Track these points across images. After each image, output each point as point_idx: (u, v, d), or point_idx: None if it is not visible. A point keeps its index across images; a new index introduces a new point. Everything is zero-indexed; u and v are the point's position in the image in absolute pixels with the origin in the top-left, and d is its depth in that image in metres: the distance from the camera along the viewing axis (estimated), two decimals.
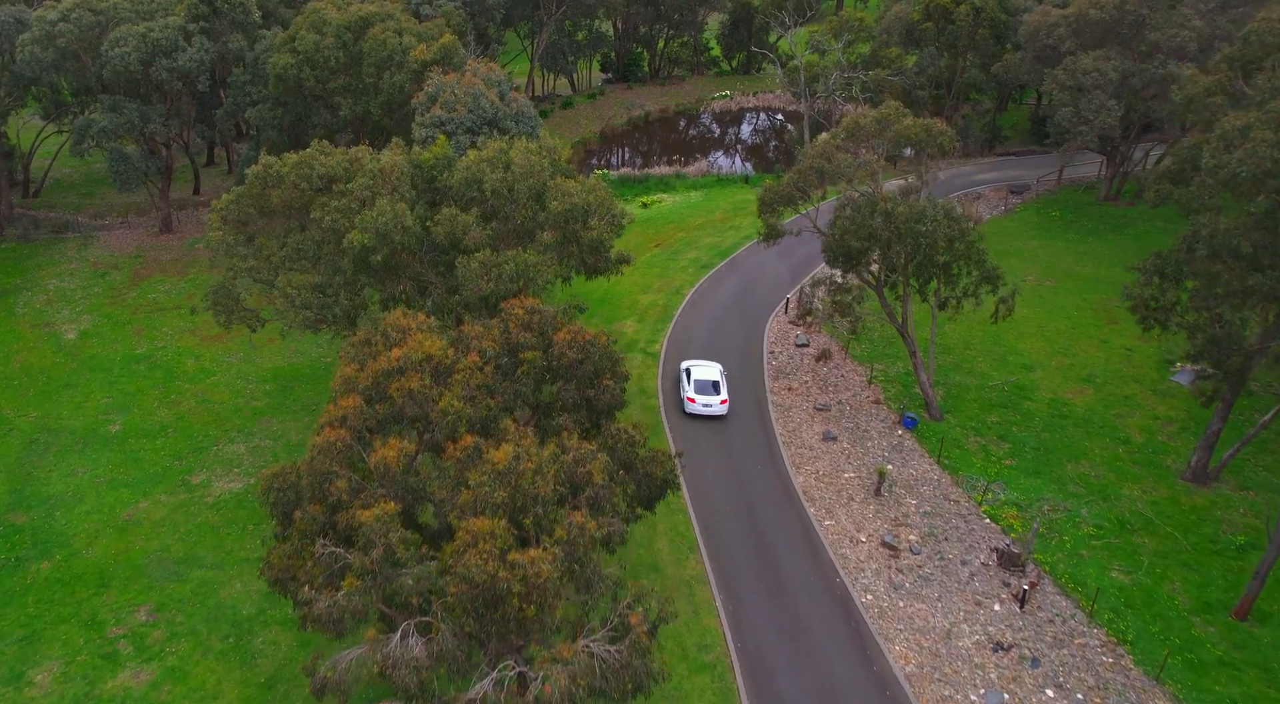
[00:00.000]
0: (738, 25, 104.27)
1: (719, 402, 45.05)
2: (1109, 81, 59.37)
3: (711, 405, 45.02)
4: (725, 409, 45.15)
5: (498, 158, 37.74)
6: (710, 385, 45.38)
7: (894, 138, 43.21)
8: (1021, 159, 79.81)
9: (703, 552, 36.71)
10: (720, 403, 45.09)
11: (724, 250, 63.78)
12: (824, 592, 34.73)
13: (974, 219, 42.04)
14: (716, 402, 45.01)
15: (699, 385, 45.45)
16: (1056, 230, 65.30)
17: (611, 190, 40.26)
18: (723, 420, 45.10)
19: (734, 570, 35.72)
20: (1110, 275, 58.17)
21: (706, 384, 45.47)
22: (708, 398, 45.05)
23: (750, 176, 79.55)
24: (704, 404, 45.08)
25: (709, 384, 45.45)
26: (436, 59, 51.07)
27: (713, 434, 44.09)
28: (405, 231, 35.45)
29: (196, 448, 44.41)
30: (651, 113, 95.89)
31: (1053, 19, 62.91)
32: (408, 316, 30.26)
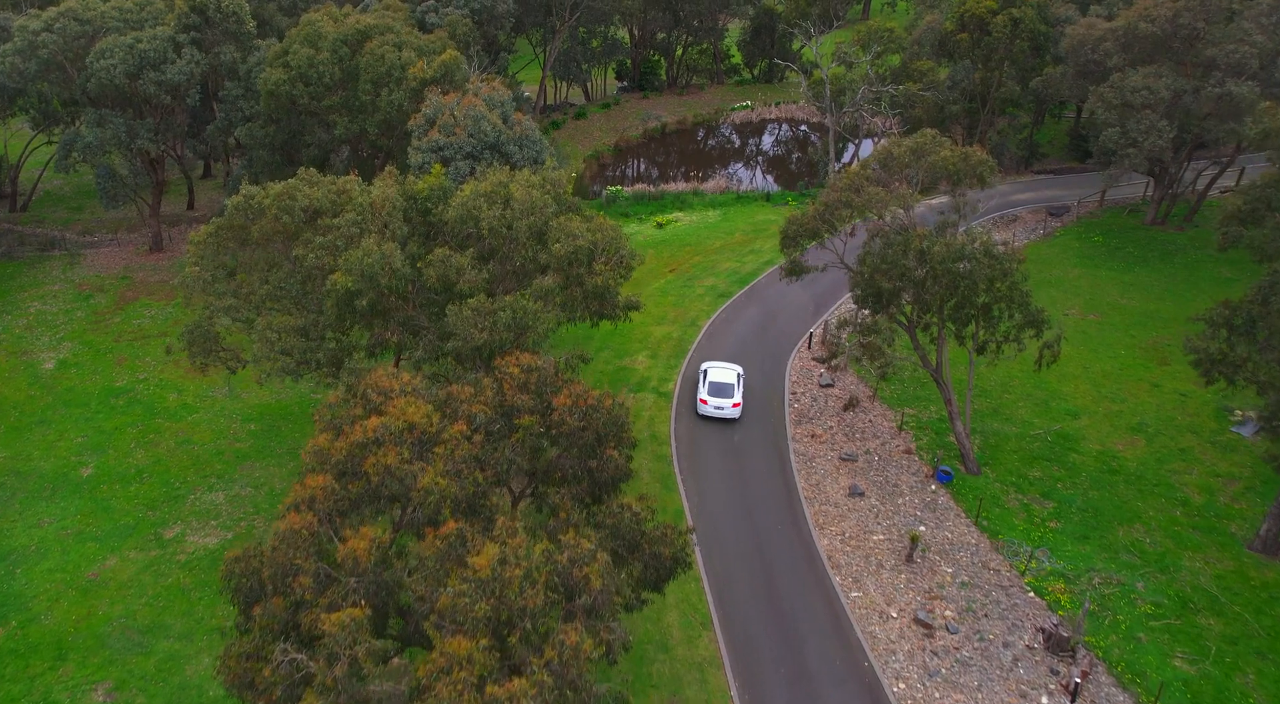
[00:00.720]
0: (760, 32, 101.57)
1: (730, 405, 45.51)
2: (1160, 100, 56.28)
3: (723, 408, 45.51)
4: (737, 412, 45.58)
5: (496, 192, 35.21)
6: (724, 388, 45.91)
7: (929, 168, 40.38)
8: (1061, 177, 76.65)
9: (717, 628, 33.96)
10: (732, 406, 45.54)
11: (743, 277, 61.03)
12: (851, 678, 31.90)
13: (1017, 257, 39.14)
14: (728, 405, 45.49)
15: (713, 387, 46.06)
16: (1100, 258, 62.18)
17: (620, 228, 37.59)
18: (742, 474, 42.34)
19: (751, 652, 32.95)
20: (1160, 310, 55.04)
21: (720, 386, 46.02)
22: (720, 400, 45.59)
23: (772, 194, 76.78)
24: (715, 406, 45.61)
25: (723, 386, 45.97)
26: (436, 77, 48.64)
27: (731, 487, 41.33)
28: (394, 274, 32.95)
29: (172, 496, 42.03)
30: (668, 124, 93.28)
31: (1099, 32, 59.86)
32: (391, 376, 27.70)
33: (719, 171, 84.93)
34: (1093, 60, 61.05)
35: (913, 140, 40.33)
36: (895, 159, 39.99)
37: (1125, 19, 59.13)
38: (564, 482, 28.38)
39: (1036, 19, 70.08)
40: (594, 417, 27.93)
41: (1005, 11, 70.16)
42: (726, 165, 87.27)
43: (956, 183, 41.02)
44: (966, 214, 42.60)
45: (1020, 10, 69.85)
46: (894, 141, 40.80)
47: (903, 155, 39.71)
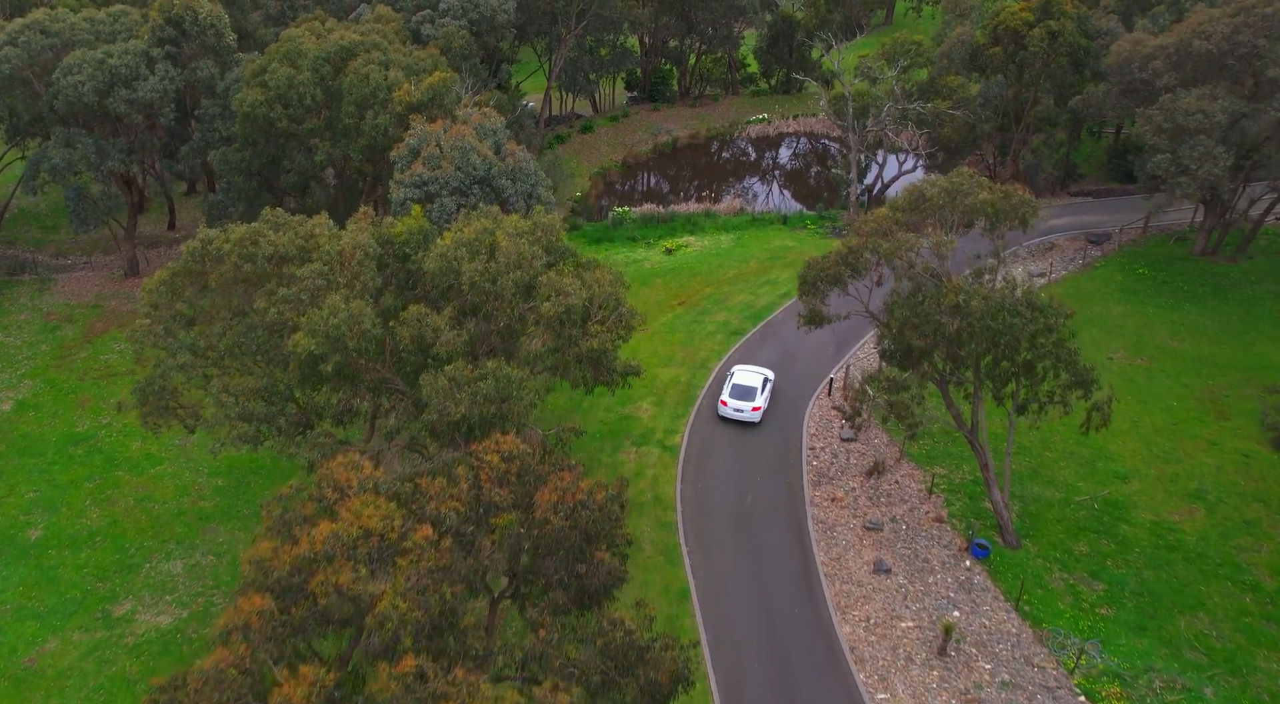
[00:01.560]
0: (777, 40, 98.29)
1: (750, 408, 46.07)
2: (1216, 125, 52.71)
3: (743, 411, 46.11)
4: (758, 416, 46.14)
5: (480, 240, 32.05)
6: (747, 391, 46.46)
7: (965, 210, 37.01)
8: (1100, 201, 73.07)
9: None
10: (752, 410, 46.07)
11: (757, 312, 57.70)
12: None
13: (1064, 310, 35.70)
14: (748, 408, 46.07)
15: (735, 389, 46.72)
16: (1146, 292, 58.58)
17: (621, 278, 34.40)
18: (755, 544, 39.02)
19: None
20: (1215, 355, 51.43)
21: (744, 389, 46.63)
22: (741, 403, 46.17)
23: (789, 216, 73.47)
24: (735, 409, 46.22)
25: (746, 390, 46.55)
26: (423, 101, 45.59)
27: (743, 560, 38.01)
28: (362, 336, 29.82)
29: (126, 564, 39.02)
30: (679, 138, 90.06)
31: (1147, 49, 56.34)
32: (350, 467, 24.54)
33: (733, 190, 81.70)
34: (1140, 79, 57.51)
35: (948, 180, 36.97)
36: (928, 200, 36.65)
37: (1177, 35, 55.58)
38: (548, 588, 25.16)
39: (1076, 32, 66.60)
40: (582, 514, 24.70)
41: (1043, 24, 66.73)
42: (741, 183, 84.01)
43: (995, 225, 37.62)
44: (1005, 259, 39.24)
45: (1059, 23, 66.40)
46: (927, 182, 37.42)
47: (936, 197, 36.37)
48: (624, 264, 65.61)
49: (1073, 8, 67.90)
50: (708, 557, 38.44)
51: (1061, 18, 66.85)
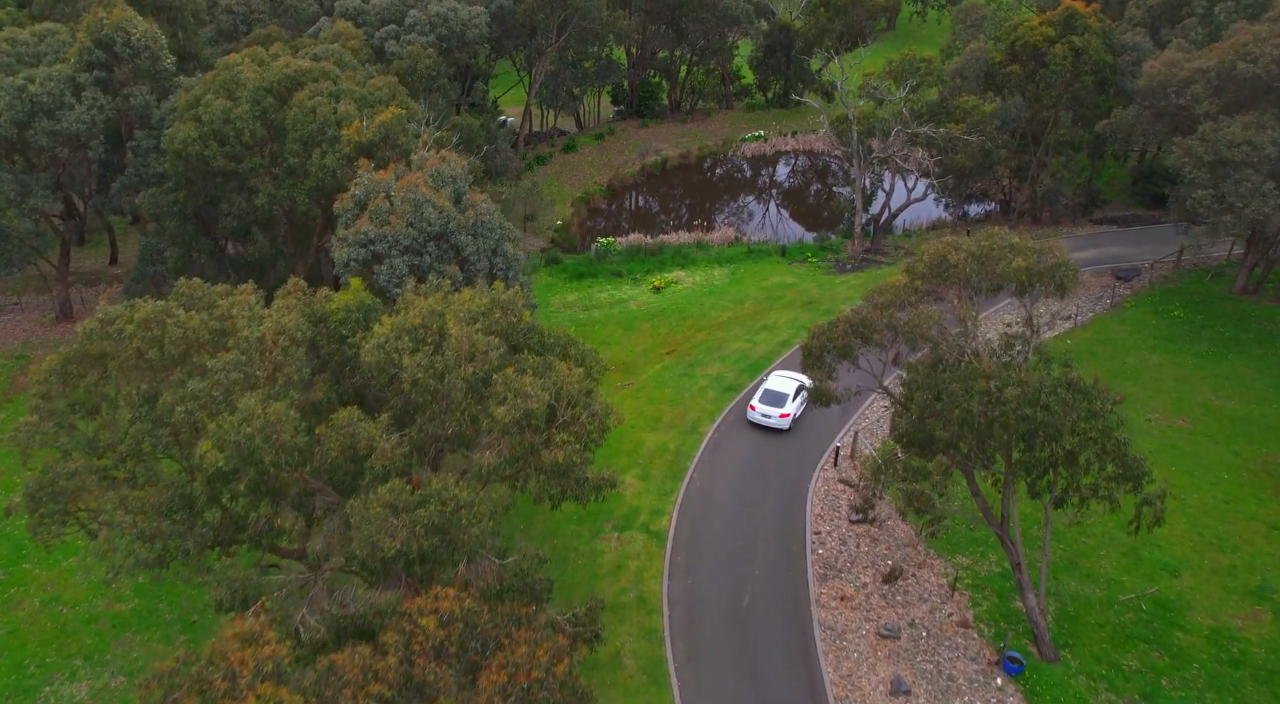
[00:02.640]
0: (774, 50, 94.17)
1: (779, 415, 46.18)
2: (1265, 158, 48.56)
3: (770, 416, 46.36)
4: (785, 424, 46.30)
5: (427, 325, 27.65)
6: (777, 397, 46.65)
7: (996, 278, 32.72)
8: (1125, 231, 68.94)
9: None
10: (780, 416, 46.16)
11: (754, 363, 53.35)
12: None
13: (1112, 396, 31.43)
14: (776, 414, 46.23)
15: (766, 394, 47.07)
16: (1183, 339, 54.38)
17: (597, 359, 30.10)
18: (753, 657, 34.61)
19: None
20: (1266, 416, 47.22)
21: (774, 395, 46.89)
22: (769, 408, 46.41)
23: (788, 247, 69.24)
24: (763, 414, 46.49)
25: (776, 395, 46.77)
26: (375, 141, 41.16)
27: (740, 679, 33.61)
28: (281, 449, 25.38)
29: (22, 687, 34.47)
30: (669, 158, 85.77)
31: (1185, 73, 52.18)
32: (247, 643, 20.11)
33: (727, 217, 77.46)
34: (1177, 105, 53.35)
35: (975, 243, 32.63)
36: (953, 268, 32.31)
37: (1218, 57, 51.43)
38: None
39: (1101, 49, 62.51)
40: (539, 697, 20.30)
41: (1065, 40, 62.63)
42: (736, 210, 79.73)
43: (1027, 290, 33.34)
44: (1040, 328, 34.97)
45: (1083, 39, 62.29)
46: (951, 245, 33.05)
47: (962, 265, 32.03)
48: (609, 304, 61.35)
49: (1097, 21, 63.86)
50: (699, 673, 34.04)
51: (1086, 33, 62.78)
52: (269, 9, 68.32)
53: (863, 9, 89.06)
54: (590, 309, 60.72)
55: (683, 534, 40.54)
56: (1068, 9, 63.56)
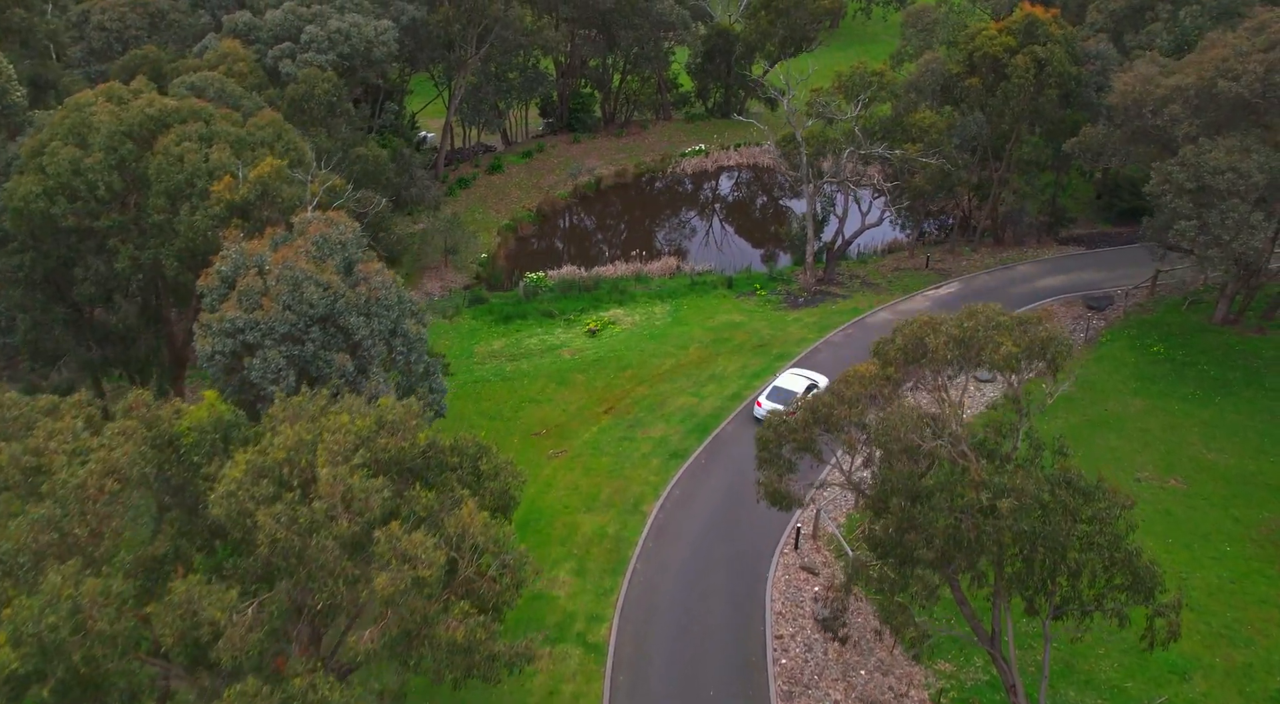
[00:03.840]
0: (713, 56, 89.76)
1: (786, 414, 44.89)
2: (1253, 186, 45.21)
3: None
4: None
5: (294, 459, 22.56)
6: (785, 395, 46.36)
7: (982, 364, 28.50)
8: (1094, 253, 65.71)
9: None
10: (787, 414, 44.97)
11: (702, 422, 48.82)
12: None
13: (1122, 500, 27.39)
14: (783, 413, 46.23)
15: (773, 391, 47.22)
16: (1166, 380, 51.01)
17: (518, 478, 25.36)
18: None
19: None
20: (1264, 472, 43.89)
21: (782, 392, 46.82)
22: (775, 406, 45.23)
23: (734, 278, 64.83)
24: (769, 411, 45.86)
25: (784, 393, 46.59)
26: (251, 199, 35.74)
27: None
28: (98, 641, 20.17)
29: None
30: (604, 178, 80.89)
31: (1162, 91, 48.69)
32: None
33: (668, 244, 72.86)
34: (1154, 126, 49.88)
35: (957, 323, 28.34)
36: (931, 353, 27.99)
37: (1198, 74, 48.00)
38: None
39: (1065, 59, 59.02)
40: None
41: (1027, 50, 59.01)
42: (677, 235, 75.11)
43: (1016, 371, 29.20)
44: (1031, 412, 30.86)
45: (1045, 49, 58.72)
46: (929, 326, 28.71)
47: (941, 350, 27.71)
48: (539, 352, 56.40)
49: (1059, 29, 60.37)
50: None
51: (1049, 42, 59.22)
52: (147, 25, 62.10)
53: (806, 12, 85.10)
54: (518, 359, 55.71)
55: (625, 647, 35.80)
56: (1028, 17, 60.00)
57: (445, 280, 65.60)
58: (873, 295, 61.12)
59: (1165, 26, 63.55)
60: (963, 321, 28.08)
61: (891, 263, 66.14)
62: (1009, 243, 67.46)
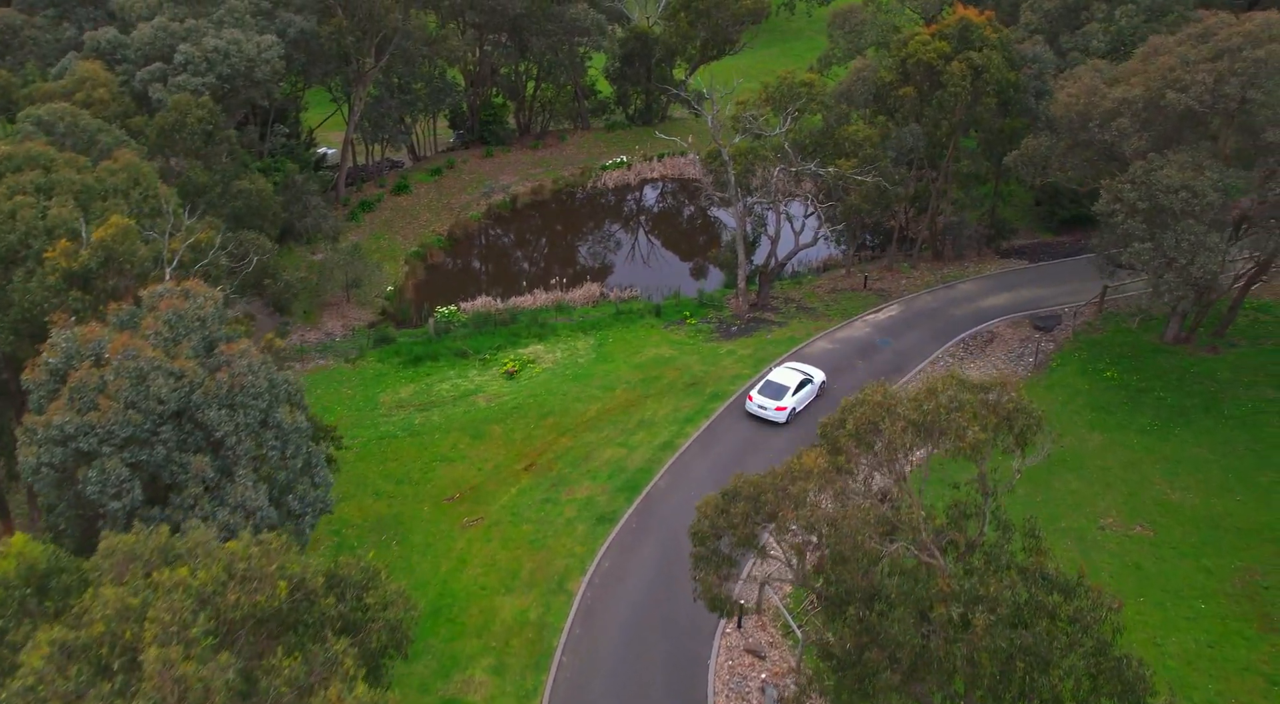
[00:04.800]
0: (632, 60, 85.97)
1: (774, 407, 46.96)
2: (1207, 206, 42.95)
3: (766, 409, 47.13)
4: (782, 417, 46.90)
5: (114, 634, 18.27)
6: (777, 389, 47.33)
7: (946, 450, 25.23)
8: (1038, 268, 63.52)
9: None
10: (776, 409, 46.90)
11: (632, 478, 45.19)
12: None
13: (1109, 602, 24.39)
14: (772, 407, 47.00)
15: (766, 386, 47.74)
16: (1122, 410, 48.73)
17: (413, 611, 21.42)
18: None
19: None
20: (1232, 512, 41.65)
21: (774, 386, 47.61)
22: (766, 400, 47.17)
23: (662, 305, 61.21)
24: (759, 405, 47.32)
25: (776, 387, 47.48)
26: (93, 266, 31.00)
27: None
28: None
29: None
30: (519, 195, 76.64)
31: (1108, 103, 46.23)
32: None
33: (591, 268, 68.94)
34: (1101, 140, 47.45)
35: (915, 405, 25.01)
36: (888, 441, 24.61)
37: (1145, 86, 45.63)
38: None
39: (1003, 66, 56.47)
40: None
41: (962, 56, 56.32)
42: (601, 257, 71.23)
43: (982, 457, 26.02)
44: (999, 492, 27.75)
45: (982, 55, 56.10)
46: (879, 406, 25.35)
47: (899, 437, 24.35)
48: (451, 399, 52.14)
49: (994, 33, 57.82)
50: None
51: (985, 47, 56.62)
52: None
53: (727, 14, 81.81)
54: (429, 408, 51.38)
55: None
56: (962, 20, 57.35)
57: (348, 318, 60.86)
58: (810, 322, 58.02)
59: (1102, 27, 61.56)
60: (921, 403, 24.75)
61: (828, 283, 63.16)
62: (949, 257, 65.00)
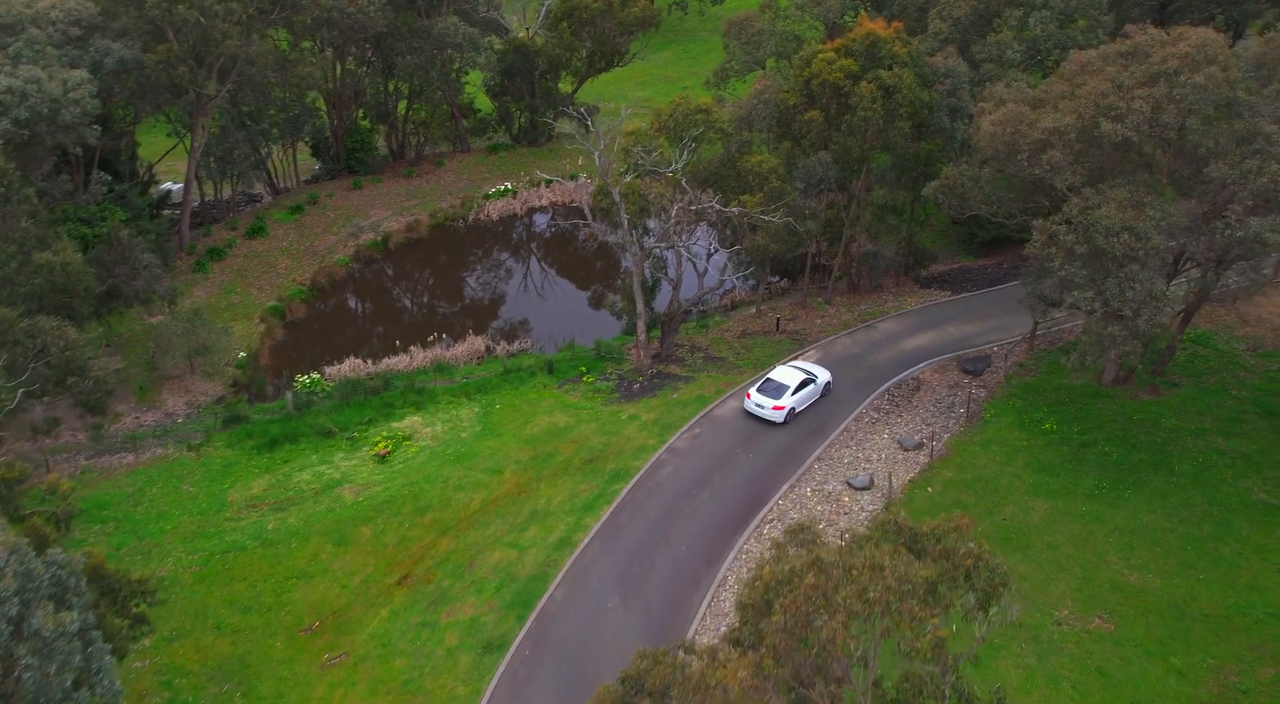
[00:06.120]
0: (513, 74, 79.93)
1: (771, 406, 46.97)
2: (1153, 249, 39.20)
3: (764, 408, 47.22)
4: (780, 416, 46.91)
5: None
6: (776, 388, 47.37)
7: (899, 652, 20.26)
8: (960, 300, 59.71)
9: None
10: (773, 408, 46.95)
11: (524, 589, 39.62)
12: None
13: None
14: (769, 405, 47.02)
15: (765, 384, 47.76)
16: (1065, 470, 44.94)
17: None
18: None
19: None
20: (1198, 595, 38.00)
21: (773, 385, 47.63)
22: (764, 398, 47.20)
23: (554, 360, 55.62)
24: (757, 404, 47.40)
25: (776, 386, 47.48)
26: None
27: None
28: None
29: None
30: (392, 234, 69.97)
31: (1037, 135, 42.16)
32: None
33: (475, 316, 62.85)
34: (1031, 175, 43.47)
35: (859, 593, 19.90)
36: (825, 643, 19.44)
37: (1076, 114, 41.75)
38: None
39: (916, 85, 52.29)
40: None
41: (871, 75, 51.95)
42: (485, 303, 65.17)
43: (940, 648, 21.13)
44: (959, 663, 22.95)
45: (893, 74, 51.84)
46: (814, 589, 20.17)
47: (841, 636, 19.26)
48: (313, 493, 45.81)
49: (903, 47, 53.60)
50: None
51: (895, 65, 52.37)
52: None
53: (614, 22, 76.44)
54: (285, 508, 44.91)
55: None
56: (870, 36, 52.97)
57: (192, 393, 53.75)
58: (719, 375, 53.08)
59: (1016, 36, 58.02)
60: (866, 589, 19.66)
61: (737, 325, 58.34)
62: (865, 288, 60.84)
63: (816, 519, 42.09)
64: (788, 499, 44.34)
